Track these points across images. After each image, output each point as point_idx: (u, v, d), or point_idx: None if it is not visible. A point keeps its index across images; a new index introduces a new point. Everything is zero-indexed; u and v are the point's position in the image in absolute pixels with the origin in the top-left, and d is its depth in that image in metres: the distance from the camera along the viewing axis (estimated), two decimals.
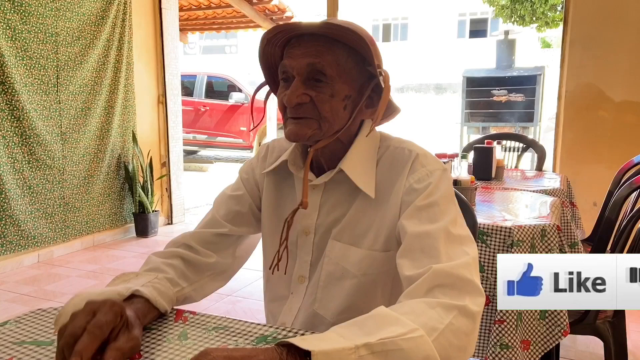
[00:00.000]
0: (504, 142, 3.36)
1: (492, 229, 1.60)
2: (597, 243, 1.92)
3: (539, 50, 18.09)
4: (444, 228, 0.86)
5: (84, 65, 3.98)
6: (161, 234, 4.57)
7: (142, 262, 1.01)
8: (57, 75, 3.79)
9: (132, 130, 4.44)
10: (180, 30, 5.42)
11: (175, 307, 0.93)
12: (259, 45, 0.98)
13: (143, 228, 4.46)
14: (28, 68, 3.57)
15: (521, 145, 3.46)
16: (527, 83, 8.15)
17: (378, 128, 1.03)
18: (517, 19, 11.73)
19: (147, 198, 4.43)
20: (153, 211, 4.50)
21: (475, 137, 8.35)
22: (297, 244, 1.04)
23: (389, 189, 0.95)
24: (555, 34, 16.86)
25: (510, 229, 1.58)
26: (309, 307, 1.01)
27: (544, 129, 8.93)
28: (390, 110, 1.03)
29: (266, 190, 1.09)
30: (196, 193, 6.45)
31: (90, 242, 4.18)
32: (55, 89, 3.78)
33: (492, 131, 8.37)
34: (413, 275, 0.82)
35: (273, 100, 1.02)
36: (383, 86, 0.94)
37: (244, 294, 3.18)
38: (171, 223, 4.90)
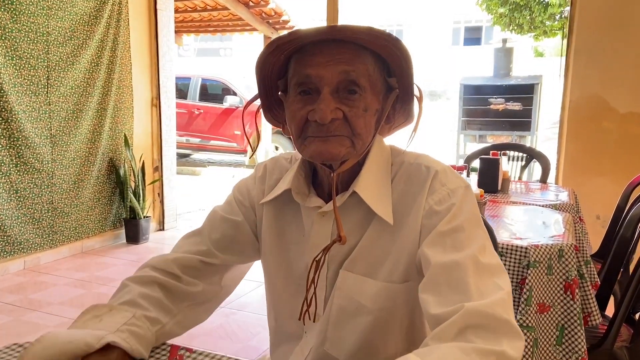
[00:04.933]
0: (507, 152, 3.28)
1: (506, 249, 1.50)
2: (611, 261, 1.84)
3: (532, 59, 18.16)
4: (472, 257, 0.76)
5: (76, 66, 3.85)
6: (152, 240, 4.45)
7: (132, 270, 0.89)
8: (48, 76, 3.66)
9: (125, 134, 4.32)
10: (175, 32, 5.32)
11: (168, 343, 0.83)
12: (262, 52, 0.84)
13: (134, 234, 4.34)
14: (17, 68, 3.44)
15: (523, 155, 3.38)
16: (524, 92, 8.08)
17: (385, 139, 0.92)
18: (515, 28, 11.70)
19: (139, 203, 4.31)
20: (144, 217, 4.38)
21: (472, 145, 8.30)
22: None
23: (406, 211, 0.85)
24: (551, 44, 16.93)
25: (526, 248, 1.48)
26: (319, 347, 0.90)
27: (541, 138, 8.88)
28: (404, 119, 0.93)
29: (266, 220, 0.97)
30: (189, 198, 6.34)
31: (78, 248, 4.04)
32: (46, 90, 3.66)
33: (489, 139, 8.31)
34: (441, 314, 0.72)
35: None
36: (418, 101, 0.86)
37: (238, 305, 3.07)
38: (163, 229, 4.78)
